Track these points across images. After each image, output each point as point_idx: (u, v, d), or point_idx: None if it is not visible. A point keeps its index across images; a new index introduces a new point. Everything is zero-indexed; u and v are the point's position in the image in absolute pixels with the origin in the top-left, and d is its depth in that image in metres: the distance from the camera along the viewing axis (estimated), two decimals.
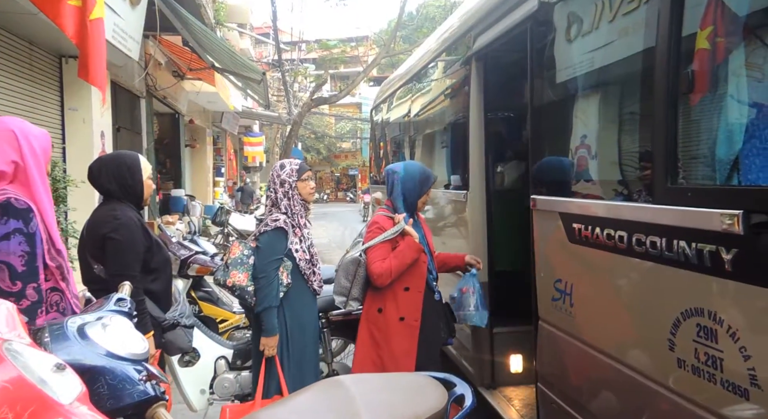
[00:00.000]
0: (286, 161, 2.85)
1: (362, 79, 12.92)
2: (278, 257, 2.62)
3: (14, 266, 1.76)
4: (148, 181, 2.40)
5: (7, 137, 1.85)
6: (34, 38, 5.02)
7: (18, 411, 1.01)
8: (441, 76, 3.99)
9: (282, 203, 2.70)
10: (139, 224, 2.30)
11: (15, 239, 1.77)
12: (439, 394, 1.71)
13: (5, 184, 1.82)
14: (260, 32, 23.85)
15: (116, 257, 2.23)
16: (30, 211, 1.81)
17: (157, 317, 2.33)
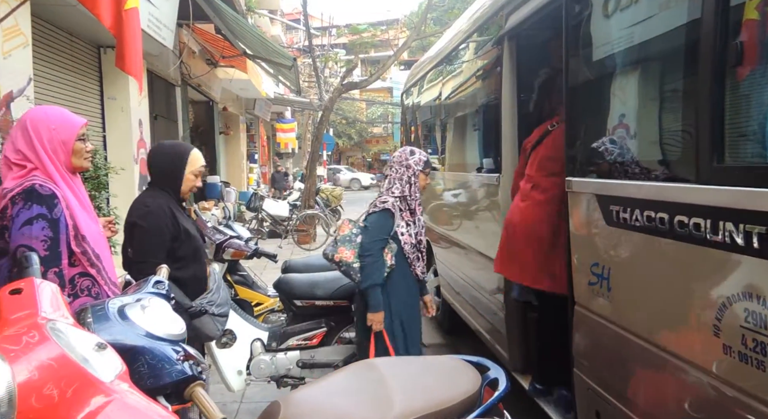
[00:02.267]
0: (416, 149, 2.94)
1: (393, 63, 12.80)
2: (384, 237, 2.71)
3: (37, 250, 1.78)
4: (190, 176, 2.40)
5: (22, 128, 1.90)
6: (73, 29, 5.15)
7: (62, 387, 1.05)
8: (472, 57, 3.91)
9: (398, 185, 2.79)
10: (168, 213, 2.31)
11: (38, 224, 1.80)
12: (472, 377, 1.70)
13: (34, 171, 1.86)
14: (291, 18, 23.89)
15: (140, 244, 2.29)
16: (54, 197, 1.83)
17: (182, 303, 2.33)
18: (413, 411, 1.53)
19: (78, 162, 1.98)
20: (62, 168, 1.92)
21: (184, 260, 2.37)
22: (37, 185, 1.82)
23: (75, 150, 1.96)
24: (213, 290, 2.45)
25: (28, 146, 1.88)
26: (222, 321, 2.46)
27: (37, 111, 1.98)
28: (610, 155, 2.07)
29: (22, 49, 3.61)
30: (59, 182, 1.89)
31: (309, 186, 11.04)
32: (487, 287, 3.55)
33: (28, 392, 0.99)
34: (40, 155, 1.87)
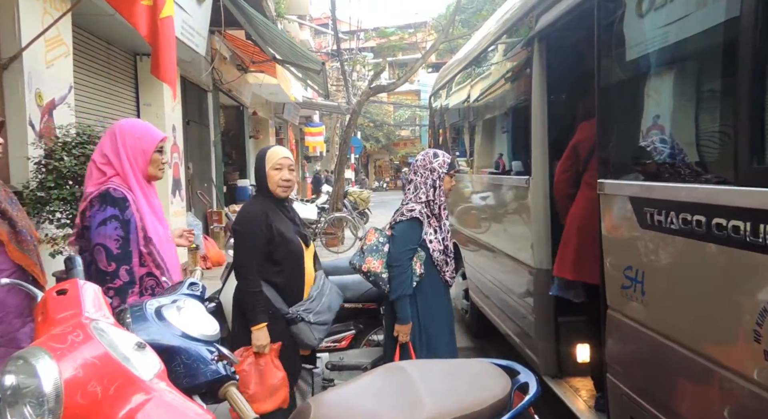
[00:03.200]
0: (439, 151, 2.87)
1: (420, 66, 12.79)
2: (412, 247, 2.67)
3: (110, 248, 1.96)
4: (272, 172, 2.40)
5: (111, 134, 2.10)
6: (111, 38, 5.33)
7: (105, 385, 1.09)
8: (501, 59, 3.89)
9: (430, 192, 2.74)
10: (263, 217, 2.35)
11: (111, 224, 1.97)
12: (502, 381, 1.69)
13: (113, 177, 2.05)
14: (319, 23, 24.14)
15: (238, 248, 2.37)
16: (126, 200, 2.01)
17: (280, 309, 2.37)
18: (443, 413, 1.53)
19: (153, 171, 2.16)
20: (139, 175, 2.10)
21: (281, 265, 2.38)
22: (111, 188, 2.00)
23: (152, 160, 2.14)
24: (313, 297, 2.44)
25: (113, 151, 2.07)
26: (321, 329, 2.43)
27: (126, 121, 2.19)
28: (645, 156, 2.03)
29: (64, 59, 3.75)
30: (134, 187, 2.07)
31: (337, 189, 11.12)
32: (516, 291, 3.51)
33: (73, 388, 1.03)
34: (122, 160, 2.05)
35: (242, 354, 2.28)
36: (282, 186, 2.41)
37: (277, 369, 2.27)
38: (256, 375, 2.24)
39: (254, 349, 2.28)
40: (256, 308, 2.30)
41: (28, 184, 3.45)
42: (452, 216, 5.36)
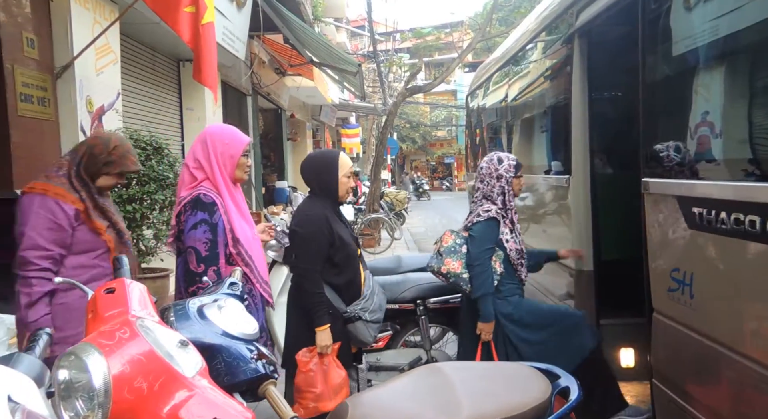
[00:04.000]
0: (503, 155, 2.82)
1: (457, 66, 12.68)
2: (491, 246, 2.67)
3: (200, 250, 2.09)
4: (344, 179, 2.46)
5: (202, 140, 2.23)
6: (156, 45, 5.51)
7: (150, 381, 1.12)
8: (540, 57, 3.82)
9: (498, 199, 2.73)
10: (325, 220, 2.40)
11: (201, 228, 2.10)
12: (542, 385, 1.66)
13: (202, 182, 2.18)
14: (356, 25, 24.32)
15: (299, 250, 2.41)
16: (215, 205, 2.13)
17: (338, 308, 2.42)
18: (481, 416, 1.51)
19: (239, 174, 2.28)
20: (227, 178, 2.22)
21: (340, 267, 2.44)
22: (201, 194, 2.13)
23: (239, 163, 2.26)
24: (367, 296, 2.49)
25: (204, 155, 2.20)
26: (375, 327, 2.49)
27: (215, 127, 2.32)
28: (693, 154, 1.95)
29: (113, 66, 3.91)
30: (223, 190, 2.19)
31: (373, 190, 11.15)
32: (556, 293, 3.44)
33: (121, 384, 1.07)
34: (212, 164, 2.18)
35: (306, 355, 2.34)
36: (348, 193, 2.50)
37: (339, 368, 2.33)
38: (321, 375, 2.29)
39: (318, 350, 2.32)
40: (320, 310, 2.34)
41: None
42: None
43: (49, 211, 2.02)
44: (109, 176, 2.16)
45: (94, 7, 3.70)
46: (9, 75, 3.00)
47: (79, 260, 2.09)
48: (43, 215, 2.01)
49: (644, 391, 2.64)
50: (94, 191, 2.14)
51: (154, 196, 3.99)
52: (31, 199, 2.05)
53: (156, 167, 4.02)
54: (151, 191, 3.97)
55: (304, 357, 2.33)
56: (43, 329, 1.14)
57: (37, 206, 2.02)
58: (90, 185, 2.13)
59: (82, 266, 2.09)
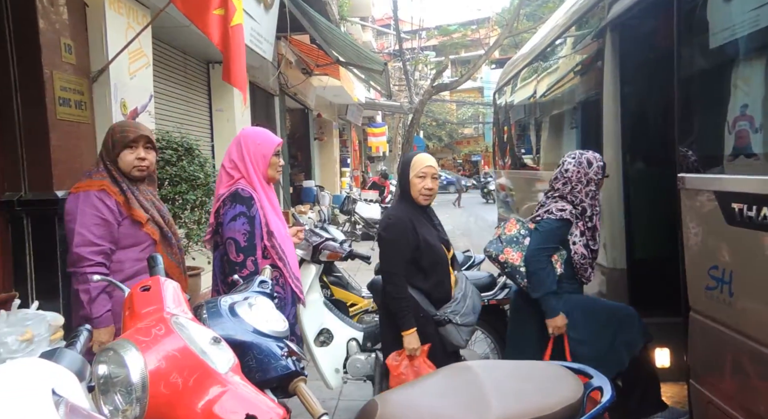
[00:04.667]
0: (589, 155, 2.62)
1: (484, 63, 12.60)
2: (553, 246, 2.57)
3: (239, 241, 2.18)
4: (415, 179, 2.43)
5: (237, 142, 2.36)
6: (186, 48, 5.62)
7: (185, 376, 1.15)
8: (570, 52, 3.75)
9: (585, 204, 2.57)
10: (409, 224, 2.39)
11: (240, 220, 2.20)
12: (573, 385, 1.63)
13: (238, 180, 2.29)
14: (381, 24, 24.34)
15: (384, 254, 2.43)
16: (252, 199, 2.24)
17: (428, 311, 2.42)
18: (511, 416, 1.50)
19: (272, 173, 2.37)
20: (261, 177, 2.33)
21: (426, 271, 2.42)
22: (239, 189, 2.25)
23: (271, 163, 2.35)
24: (458, 299, 2.46)
25: (239, 156, 2.32)
26: (467, 330, 2.46)
27: (249, 130, 2.44)
28: (732, 148, 1.89)
29: (145, 69, 4.00)
30: (257, 188, 2.30)
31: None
32: (588, 291, 3.37)
33: (157, 379, 1.09)
34: (246, 164, 2.30)
35: (396, 359, 2.38)
36: (424, 195, 2.43)
37: (431, 369, 2.32)
38: (413, 377, 2.30)
39: (407, 352, 2.35)
40: (405, 314, 2.35)
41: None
42: (519, 214, 5.24)
43: (94, 207, 2.10)
44: (121, 154, 2.23)
45: (128, 12, 3.80)
46: (48, 80, 3.10)
47: (126, 254, 2.18)
48: (89, 212, 2.09)
49: (681, 392, 2.58)
50: (130, 183, 2.24)
51: (185, 196, 4.07)
52: (76, 197, 2.14)
53: (187, 167, 4.10)
54: (183, 191, 4.05)
55: (394, 360, 2.37)
56: (84, 326, 1.18)
57: (82, 204, 2.11)
58: (125, 177, 2.23)
59: (129, 260, 2.18)
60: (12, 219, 3.08)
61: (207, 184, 4.34)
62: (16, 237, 3.09)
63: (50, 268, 3.07)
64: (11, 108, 3.06)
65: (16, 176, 3.10)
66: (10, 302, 2.81)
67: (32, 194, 3.09)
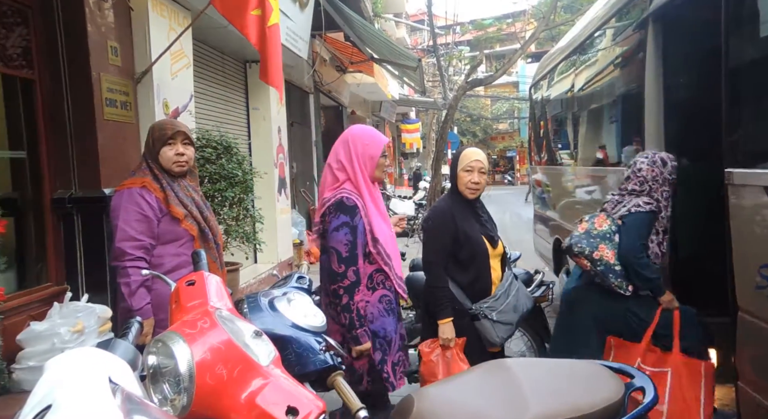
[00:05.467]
0: (663, 155, 2.57)
1: (519, 57, 12.39)
2: (644, 242, 2.48)
3: (341, 252, 2.18)
4: (462, 173, 2.45)
5: (344, 142, 2.34)
6: (224, 48, 5.74)
7: (229, 368, 1.18)
8: (610, 44, 3.66)
9: (661, 205, 2.51)
10: (450, 216, 2.42)
11: (342, 230, 2.20)
12: (614, 385, 1.60)
13: (344, 183, 2.29)
14: (415, 20, 24.23)
15: (426, 245, 2.48)
16: (356, 208, 2.23)
17: (463, 304, 2.41)
18: (549, 415, 1.48)
19: (379, 174, 2.37)
20: (368, 178, 2.32)
21: (464, 263, 2.43)
22: (344, 197, 2.24)
23: (378, 164, 2.34)
24: (498, 296, 2.43)
25: (346, 156, 2.31)
26: (504, 329, 2.42)
27: (356, 129, 2.43)
28: None
29: (186, 70, 4.11)
30: (363, 191, 2.29)
31: (434, 185, 11.10)
32: None
33: (203, 370, 1.13)
34: (354, 165, 2.29)
35: (429, 346, 2.41)
36: (470, 188, 2.44)
37: (463, 363, 2.34)
38: (443, 366, 2.34)
39: (440, 342, 2.38)
40: (442, 303, 2.37)
41: None
42: (555, 211, 5.15)
43: (135, 204, 2.18)
44: (162, 151, 2.29)
45: (170, 15, 3.91)
46: (96, 82, 3.23)
47: (166, 249, 2.25)
48: (131, 208, 2.18)
49: (729, 394, 2.49)
50: (171, 181, 2.30)
51: (224, 193, 4.17)
52: (120, 194, 2.23)
53: (226, 165, 4.19)
54: (222, 188, 4.15)
55: (427, 347, 2.40)
56: (135, 317, 1.23)
57: (125, 201, 2.19)
58: (167, 174, 2.30)
59: (168, 255, 2.25)
60: (64, 216, 3.23)
61: (245, 181, 4.43)
62: (67, 233, 3.24)
63: (99, 263, 3.21)
64: (62, 109, 3.20)
65: (66, 175, 3.24)
66: (62, 295, 2.96)
67: (82, 191, 3.23)
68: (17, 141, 3.19)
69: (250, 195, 4.66)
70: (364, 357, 2.24)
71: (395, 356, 2.33)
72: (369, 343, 2.22)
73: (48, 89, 3.19)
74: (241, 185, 4.33)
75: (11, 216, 3.06)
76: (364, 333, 2.19)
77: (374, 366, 2.27)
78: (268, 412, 1.16)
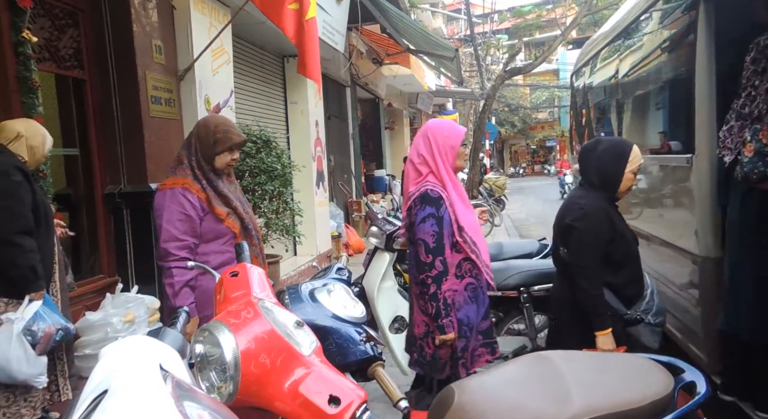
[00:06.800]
0: None
1: (560, 43, 12.07)
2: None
3: (428, 243, 2.22)
4: (629, 174, 2.30)
5: (423, 136, 2.37)
6: (263, 43, 5.82)
7: (273, 357, 1.21)
8: (658, 27, 3.51)
9: None
10: (605, 215, 2.29)
11: (429, 222, 2.23)
12: (663, 379, 1.55)
13: (427, 176, 2.32)
14: (452, 9, 23.92)
15: (575, 247, 2.29)
16: (441, 199, 2.26)
17: (618, 310, 2.28)
18: (594, 409, 1.45)
19: (459, 162, 2.40)
20: (450, 168, 2.34)
21: (619, 265, 2.30)
22: (428, 189, 2.26)
23: (459, 153, 2.37)
24: (647, 297, 2.33)
25: (427, 150, 2.34)
26: (659, 331, 2.31)
27: (434, 123, 2.48)
28: None
29: (226, 66, 4.19)
30: (447, 181, 2.32)
31: (472, 176, 11.00)
32: (676, 282, 3.18)
33: (248, 359, 1.16)
34: (435, 157, 2.32)
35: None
36: (629, 189, 2.34)
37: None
38: None
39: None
40: (602, 312, 2.21)
41: None
42: None
43: (178, 204, 2.22)
44: (221, 154, 2.31)
45: (210, 12, 3.99)
46: (142, 80, 3.34)
47: (209, 247, 2.29)
48: (174, 208, 2.22)
49: None
50: (214, 179, 2.31)
51: (264, 186, 4.25)
52: (163, 194, 2.26)
53: (265, 159, 4.27)
54: (262, 181, 4.23)
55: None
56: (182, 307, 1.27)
57: (168, 201, 2.23)
58: (210, 173, 2.31)
59: (213, 253, 2.29)
60: (114, 210, 3.37)
61: (284, 175, 4.51)
62: (117, 227, 3.38)
63: (147, 255, 3.33)
64: (111, 108, 3.33)
65: (116, 171, 3.38)
66: (113, 286, 3.09)
67: (130, 187, 3.36)
68: (70, 139, 3.34)
69: (289, 188, 4.73)
70: (447, 346, 2.24)
71: (476, 343, 2.32)
72: (454, 334, 2.21)
73: (98, 88, 3.32)
74: (280, 178, 4.40)
75: (66, 211, 3.21)
76: (450, 323, 2.20)
77: (455, 353, 2.27)
78: (311, 401, 1.18)
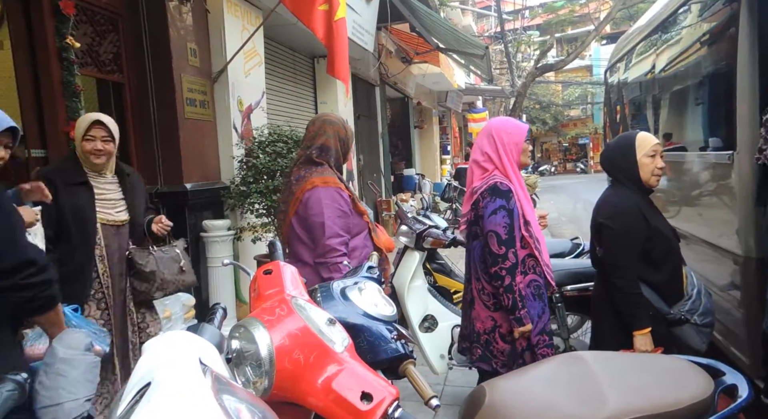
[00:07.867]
0: None
1: (593, 39, 11.81)
2: None
3: (500, 234, 2.23)
4: (645, 159, 2.25)
5: (487, 134, 2.40)
6: (294, 45, 5.90)
7: (306, 354, 1.23)
8: (697, 20, 3.41)
9: None
10: (639, 212, 2.23)
11: (500, 213, 2.24)
12: (702, 381, 1.51)
13: (492, 172, 2.34)
14: (482, 6, 23.69)
15: (609, 246, 2.25)
16: (510, 192, 2.28)
17: (660, 310, 2.22)
18: (630, 410, 1.42)
19: (524, 159, 2.42)
20: (515, 165, 2.37)
21: (658, 263, 2.24)
22: (497, 183, 2.27)
23: (523, 149, 2.39)
24: (693, 296, 2.25)
25: (492, 147, 2.37)
26: (707, 332, 2.22)
27: (497, 121, 2.50)
28: None
29: (258, 68, 4.27)
30: (512, 177, 2.35)
31: None
32: (717, 283, 3.08)
33: (282, 355, 1.18)
34: (500, 154, 2.34)
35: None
36: (656, 175, 2.26)
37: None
38: None
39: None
40: (638, 312, 2.17)
41: (233, 180, 4.02)
42: None
43: (335, 201, 2.28)
44: (348, 155, 2.40)
45: (243, 15, 4.07)
46: (178, 83, 3.43)
47: (355, 241, 2.36)
48: (332, 205, 2.27)
49: None
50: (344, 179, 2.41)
51: None
52: (318, 193, 2.27)
53: None
54: None
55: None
56: (219, 303, 1.31)
57: (325, 198, 2.26)
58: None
59: (359, 247, 2.36)
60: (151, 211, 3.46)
61: None
62: None
63: None
64: (148, 110, 3.43)
65: (153, 171, 3.48)
66: None
67: (167, 187, 3.45)
68: None
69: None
70: (524, 339, 2.24)
71: (535, 339, 2.31)
72: (531, 325, 2.21)
73: (135, 91, 3.43)
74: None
75: None
76: (526, 314, 2.20)
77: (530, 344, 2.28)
78: (343, 397, 1.19)
